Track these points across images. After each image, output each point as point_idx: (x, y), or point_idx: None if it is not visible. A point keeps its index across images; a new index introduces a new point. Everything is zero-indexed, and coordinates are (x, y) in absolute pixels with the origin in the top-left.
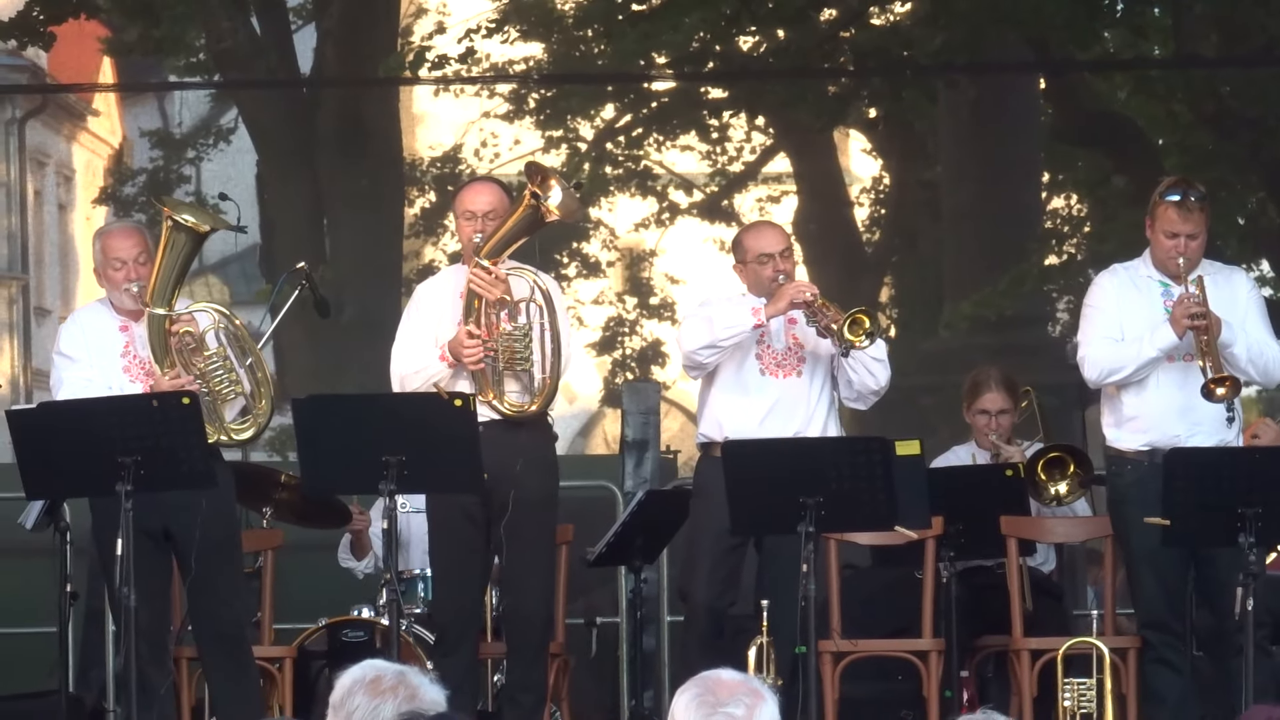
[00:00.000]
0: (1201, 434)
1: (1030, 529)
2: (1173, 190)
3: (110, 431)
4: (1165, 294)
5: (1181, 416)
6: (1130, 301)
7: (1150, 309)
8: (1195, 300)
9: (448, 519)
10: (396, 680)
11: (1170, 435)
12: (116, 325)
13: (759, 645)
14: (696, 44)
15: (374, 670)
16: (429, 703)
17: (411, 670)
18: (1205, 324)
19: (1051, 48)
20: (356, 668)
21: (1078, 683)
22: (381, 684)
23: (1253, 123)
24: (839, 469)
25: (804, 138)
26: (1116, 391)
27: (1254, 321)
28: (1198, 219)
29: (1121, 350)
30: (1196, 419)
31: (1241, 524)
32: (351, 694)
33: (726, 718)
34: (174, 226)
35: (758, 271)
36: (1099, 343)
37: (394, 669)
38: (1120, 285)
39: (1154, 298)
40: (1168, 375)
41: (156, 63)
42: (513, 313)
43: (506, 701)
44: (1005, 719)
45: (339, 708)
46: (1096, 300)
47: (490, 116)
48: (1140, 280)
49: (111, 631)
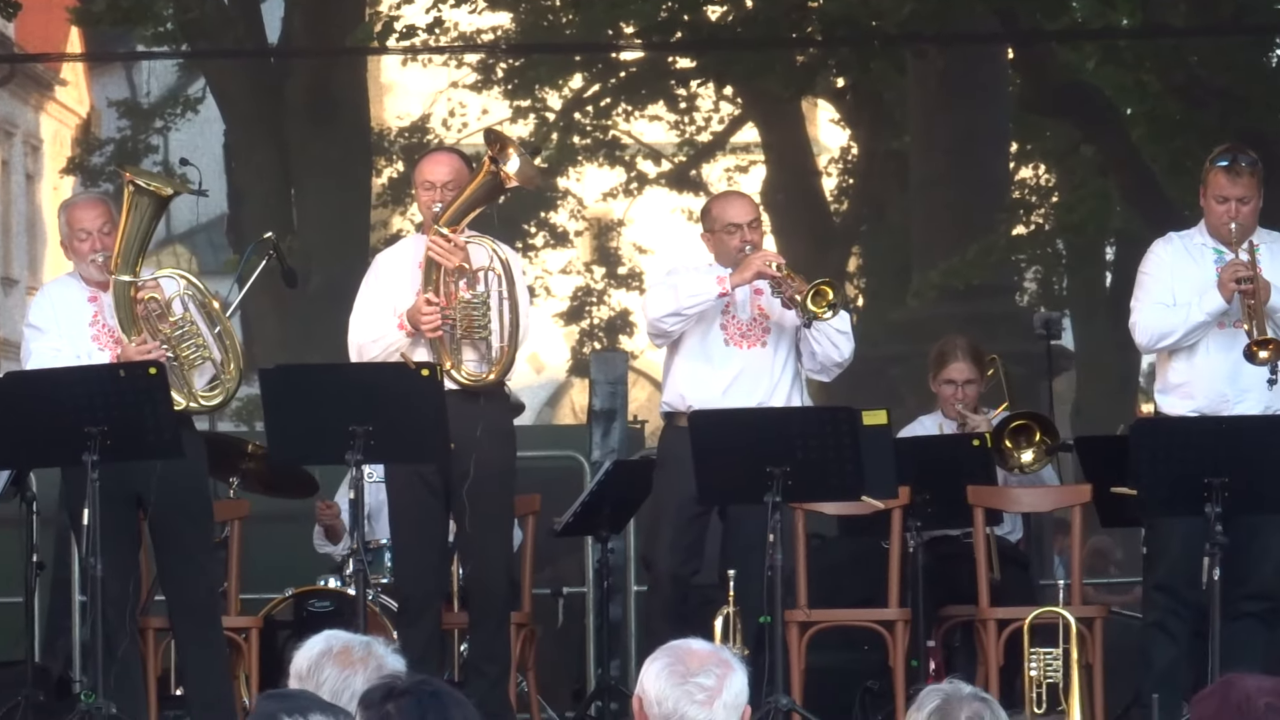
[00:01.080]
0: (1249, 400)
1: (997, 499)
2: (1223, 156)
3: (77, 401)
4: (1218, 260)
5: (1230, 382)
6: (1183, 268)
7: (1203, 275)
8: (1243, 264)
9: (407, 489)
10: (365, 651)
11: (1218, 401)
12: (85, 296)
13: (725, 615)
14: (665, 13)
15: (340, 641)
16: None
17: (375, 640)
18: (1252, 287)
19: (1020, 18)
20: (319, 639)
21: (1044, 652)
22: (351, 655)
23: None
24: (805, 439)
25: (772, 107)
26: (1167, 358)
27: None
28: (1248, 183)
29: (1171, 315)
30: (1244, 385)
31: (1208, 493)
32: (320, 665)
33: (697, 688)
34: (136, 191)
35: (725, 241)
36: (1150, 308)
37: (360, 639)
38: (1174, 252)
39: (1207, 264)
40: (1216, 341)
41: (124, 32)
42: (471, 281)
43: (471, 672)
44: (972, 688)
45: (306, 678)
46: (1150, 267)
47: (458, 86)
48: (1194, 247)
49: (78, 601)
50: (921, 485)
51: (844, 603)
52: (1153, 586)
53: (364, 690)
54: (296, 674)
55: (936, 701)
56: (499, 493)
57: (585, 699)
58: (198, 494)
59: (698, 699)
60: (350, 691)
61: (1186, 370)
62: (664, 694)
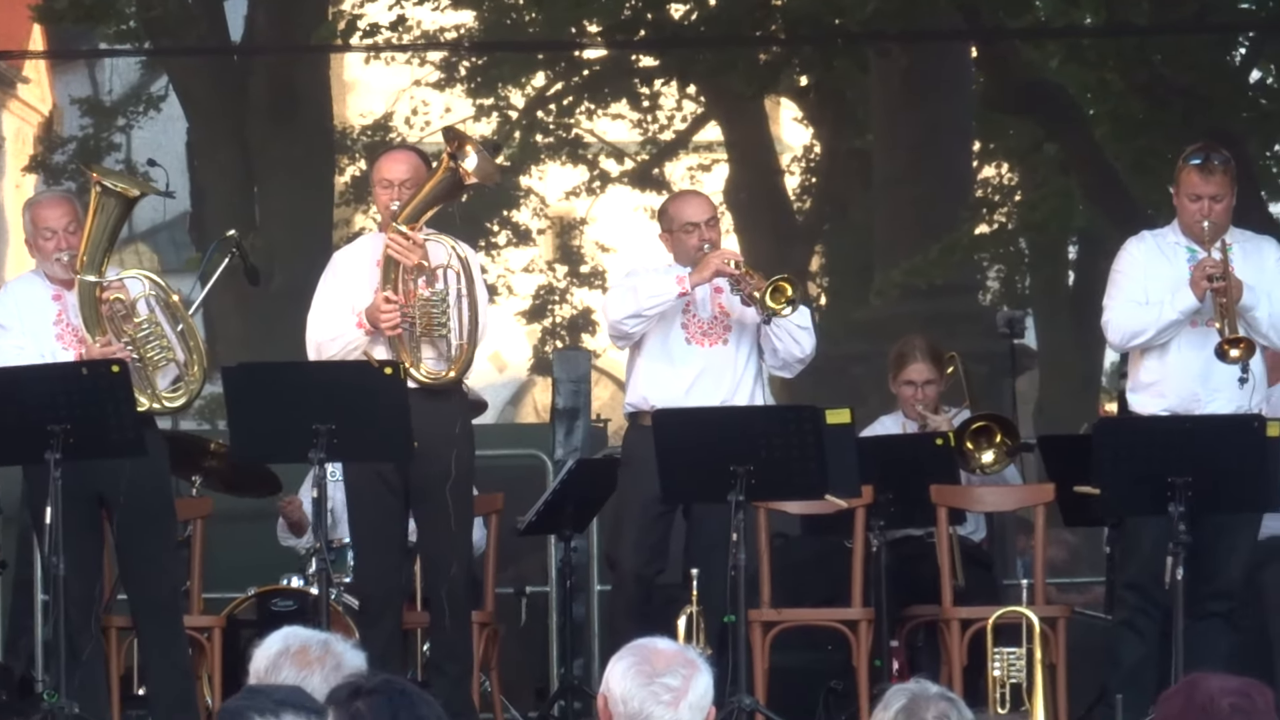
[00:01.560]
0: (1220, 399)
1: (960, 498)
2: (1196, 154)
3: (39, 399)
4: (1191, 259)
5: (1201, 381)
6: (1156, 267)
7: (1176, 274)
8: (1215, 262)
9: (366, 488)
10: (322, 650)
11: (1190, 400)
12: (49, 294)
13: (689, 614)
14: (628, 12)
15: (298, 640)
16: (352, 669)
17: (334, 638)
18: (1224, 285)
19: (983, 15)
20: (278, 637)
21: (1007, 652)
22: (308, 654)
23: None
24: (769, 438)
25: (735, 106)
26: (1139, 356)
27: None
28: (1220, 181)
29: (1143, 313)
30: (1216, 384)
31: (1171, 493)
32: (278, 665)
33: (663, 688)
34: (103, 192)
35: (683, 240)
36: (1122, 306)
37: (318, 638)
38: (1147, 251)
39: (1180, 263)
40: (1188, 339)
41: (87, 30)
42: (430, 279)
43: (434, 671)
44: (939, 688)
45: (265, 678)
46: (1123, 265)
47: (421, 84)
48: (1167, 246)
49: (40, 600)
50: (885, 484)
51: (807, 602)
52: (1123, 585)
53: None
54: (255, 673)
55: (903, 701)
56: (459, 491)
57: (548, 698)
58: (160, 493)
59: (663, 699)
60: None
61: (1158, 369)
62: (630, 694)
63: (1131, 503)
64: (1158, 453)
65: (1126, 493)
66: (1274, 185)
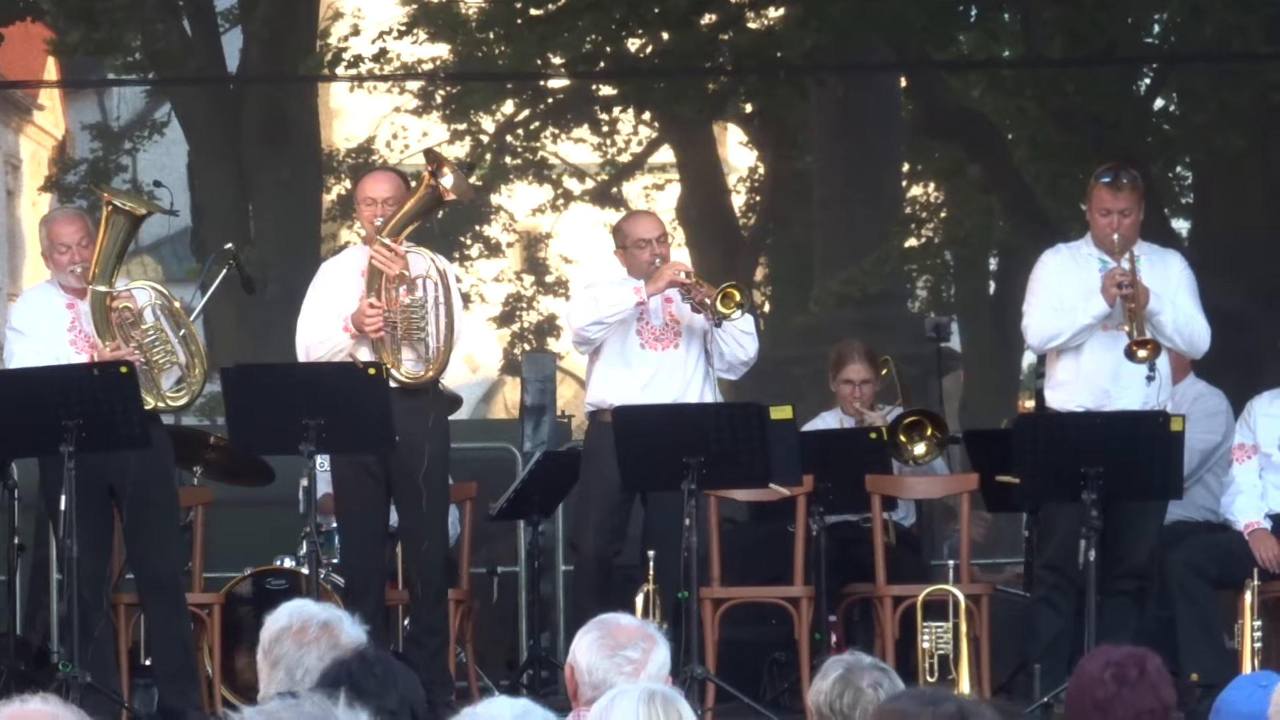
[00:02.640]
0: (1129, 395)
1: (893, 486)
2: (1106, 172)
3: (54, 397)
4: (1103, 269)
5: (1112, 379)
6: (1070, 276)
7: (1089, 282)
8: (1123, 272)
9: (351, 477)
10: (320, 631)
11: (1101, 396)
12: (63, 303)
13: (646, 592)
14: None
15: (300, 618)
16: (350, 642)
17: (335, 618)
18: (1132, 293)
19: (912, 49)
20: (284, 612)
21: (935, 626)
22: (307, 634)
23: (1095, 118)
24: (719, 432)
25: (686, 131)
26: (1055, 357)
27: (1184, 297)
28: (1129, 197)
29: (1059, 318)
30: (1125, 382)
31: (1084, 481)
32: (280, 639)
33: (625, 660)
34: (113, 211)
35: (636, 255)
36: (1040, 312)
37: (320, 618)
38: (1062, 262)
39: (1092, 272)
40: (1099, 341)
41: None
42: (411, 287)
43: (413, 644)
44: (872, 659)
45: (269, 650)
46: (1040, 275)
47: (401, 111)
48: (1080, 257)
49: (56, 579)
50: (824, 474)
51: (753, 581)
52: (1041, 565)
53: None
54: (262, 644)
55: (839, 670)
56: (436, 480)
57: (518, 668)
58: (165, 483)
59: (625, 670)
60: (303, 668)
61: (1073, 368)
62: (594, 664)
63: (1048, 491)
64: (1072, 445)
65: (1043, 482)
66: (1176, 203)
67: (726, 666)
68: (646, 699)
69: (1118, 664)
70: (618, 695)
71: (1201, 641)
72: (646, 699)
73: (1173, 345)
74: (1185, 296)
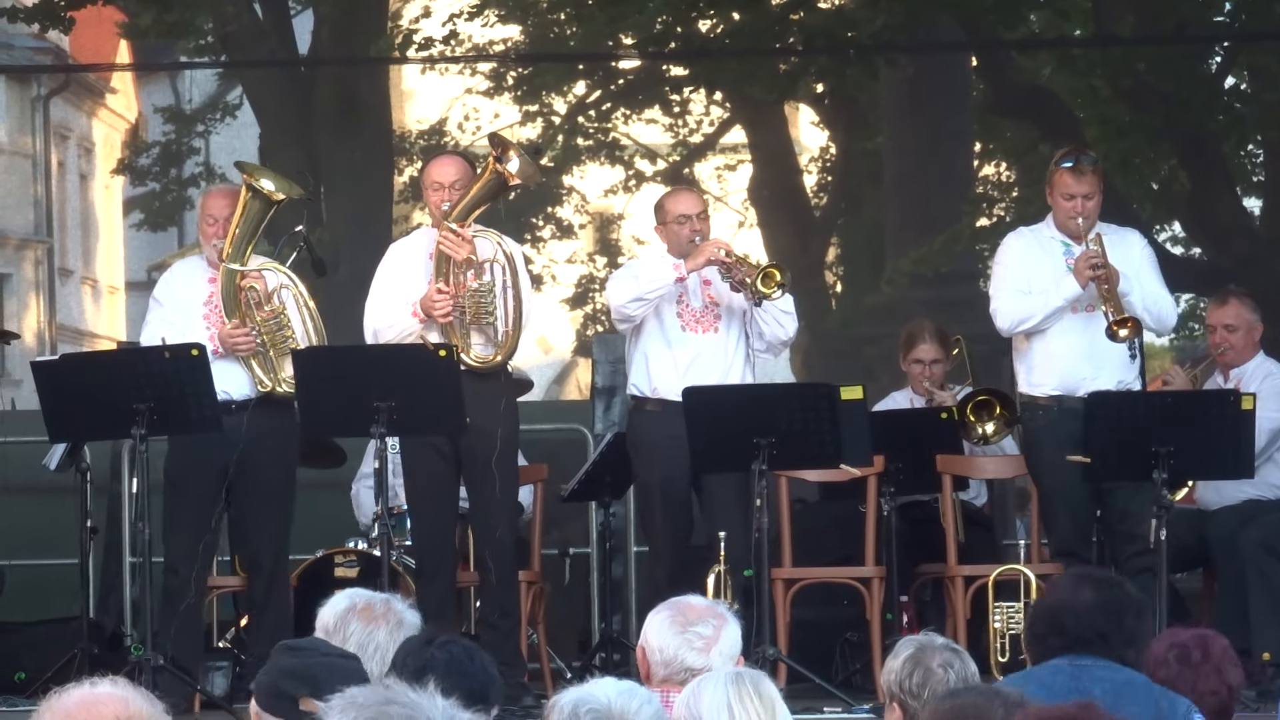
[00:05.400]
0: (1105, 375)
1: (963, 466)
2: (1066, 158)
3: (125, 380)
4: (1067, 253)
5: (1087, 360)
6: (1035, 259)
7: (1053, 266)
8: (1095, 254)
9: (422, 459)
10: (385, 608)
11: (1077, 379)
12: (206, 276)
13: (716, 573)
14: (660, 26)
15: (363, 599)
16: (411, 626)
17: (393, 597)
18: (1105, 274)
19: (982, 29)
20: (343, 596)
21: (1007, 606)
22: (373, 611)
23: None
24: (789, 412)
25: (757, 111)
26: (1026, 342)
27: (1148, 275)
28: (1091, 181)
29: (1030, 301)
30: (1100, 362)
31: (1155, 461)
32: (346, 621)
33: (696, 636)
34: (252, 193)
35: (676, 232)
36: (1008, 295)
37: (380, 597)
38: (1026, 245)
39: (1056, 256)
40: (1071, 324)
41: (168, 45)
42: (478, 271)
43: (485, 626)
44: (945, 640)
45: (333, 633)
46: (1004, 259)
47: (472, 93)
48: (1044, 241)
49: (129, 562)
50: (894, 454)
51: (825, 561)
52: (1054, 555)
53: (405, 639)
54: (324, 628)
55: (911, 650)
56: (505, 463)
57: (590, 650)
58: (281, 469)
59: (696, 646)
60: (374, 644)
61: (1045, 353)
62: (665, 643)
63: (1117, 470)
64: (1143, 424)
65: (1114, 461)
66: (1248, 181)
67: (798, 647)
68: (734, 680)
69: (1182, 645)
70: (705, 679)
71: (1273, 620)
72: (734, 680)
73: (1142, 323)
74: (1149, 273)
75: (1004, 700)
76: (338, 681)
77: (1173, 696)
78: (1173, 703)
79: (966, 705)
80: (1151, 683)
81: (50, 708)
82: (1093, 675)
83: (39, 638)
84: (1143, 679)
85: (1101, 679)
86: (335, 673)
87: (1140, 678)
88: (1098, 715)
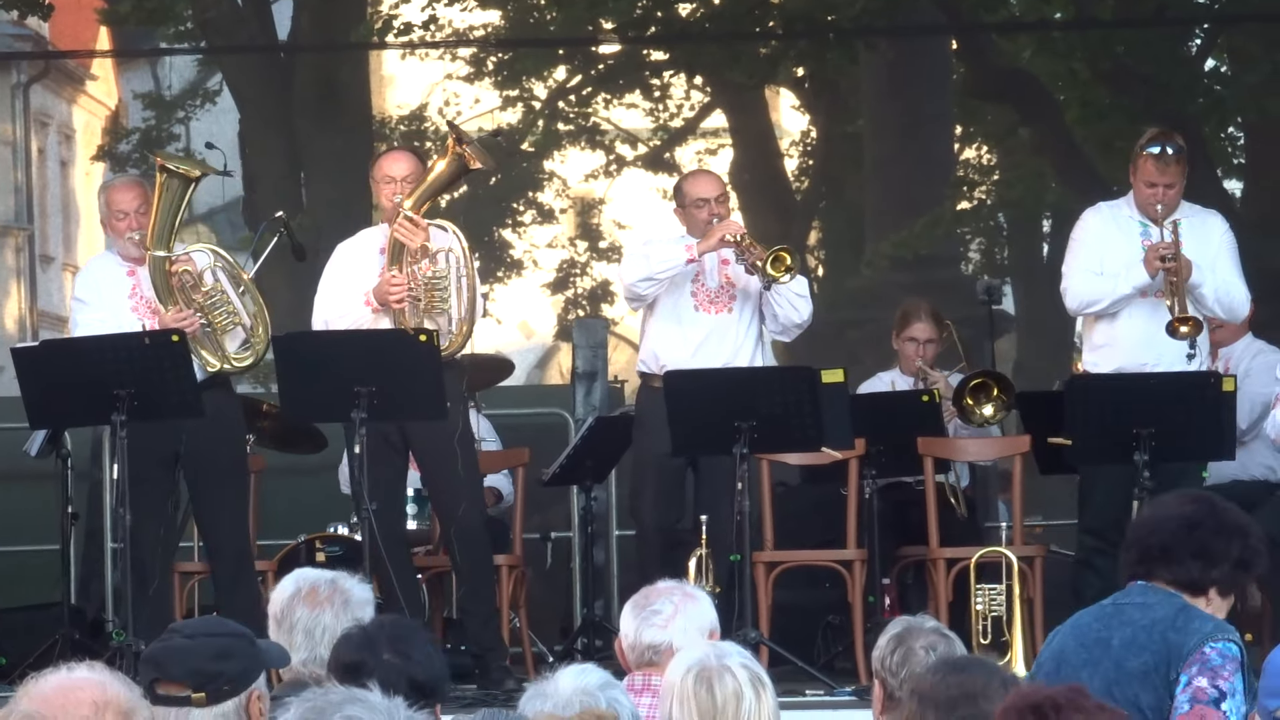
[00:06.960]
0: (1163, 364)
1: (945, 449)
2: (1154, 143)
3: (106, 366)
4: (1144, 234)
5: (1148, 347)
6: (1111, 238)
7: (1129, 246)
8: (1167, 244)
9: (374, 449)
10: (330, 589)
11: (1137, 363)
12: (124, 271)
13: (698, 557)
14: (640, 10)
15: (308, 583)
16: (360, 602)
17: (341, 575)
18: (1175, 265)
19: (962, 12)
20: (289, 581)
21: (989, 588)
22: (317, 595)
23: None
24: (770, 395)
25: (738, 95)
26: (1093, 321)
27: (1224, 262)
28: (1175, 171)
29: (1100, 284)
30: (1160, 350)
31: (1136, 443)
32: (291, 608)
33: (654, 614)
34: (167, 175)
35: (694, 214)
36: (1080, 274)
37: (325, 577)
38: (1103, 222)
39: (1133, 236)
40: (1138, 308)
41: (148, 31)
42: (433, 260)
43: (464, 612)
44: (934, 623)
45: (282, 620)
46: (1080, 235)
47: (452, 78)
48: (1122, 219)
49: (110, 548)
50: (876, 437)
51: (806, 544)
52: (1082, 531)
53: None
54: (273, 616)
55: (897, 629)
56: (463, 449)
57: (572, 634)
58: (233, 450)
59: (654, 624)
60: (321, 627)
61: (1110, 334)
62: (629, 629)
63: (1099, 452)
64: (1123, 406)
65: (1095, 443)
66: (1228, 163)
67: (780, 630)
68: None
69: None
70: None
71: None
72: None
73: (1214, 315)
74: (1226, 260)
75: (1000, 677)
76: (179, 664)
77: (1183, 633)
78: (1182, 637)
79: (969, 682)
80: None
81: (28, 693)
82: (1122, 618)
83: (20, 624)
84: (1170, 612)
85: (1129, 622)
86: (188, 656)
87: (1168, 612)
88: (1083, 701)
